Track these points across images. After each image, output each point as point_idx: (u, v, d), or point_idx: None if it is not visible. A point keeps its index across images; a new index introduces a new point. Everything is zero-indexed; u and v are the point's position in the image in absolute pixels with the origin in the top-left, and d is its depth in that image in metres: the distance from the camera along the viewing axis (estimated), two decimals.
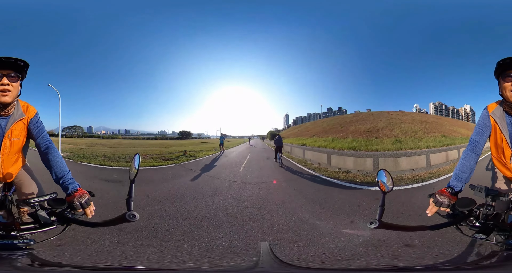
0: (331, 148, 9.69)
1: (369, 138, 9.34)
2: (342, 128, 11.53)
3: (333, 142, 10.27)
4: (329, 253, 2.96)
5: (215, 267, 1.44)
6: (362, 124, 10.88)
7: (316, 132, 13.03)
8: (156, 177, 7.60)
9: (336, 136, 10.86)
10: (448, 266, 1.20)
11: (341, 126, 11.93)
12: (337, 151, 9.17)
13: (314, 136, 12.54)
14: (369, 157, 8.10)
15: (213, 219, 4.20)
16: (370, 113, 12.29)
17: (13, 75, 1.53)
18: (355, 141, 9.42)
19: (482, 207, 1.37)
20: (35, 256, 1.14)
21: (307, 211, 4.63)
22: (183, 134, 16.82)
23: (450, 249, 2.65)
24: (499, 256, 1.17)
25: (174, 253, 2.93)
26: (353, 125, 11.25)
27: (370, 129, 10.08)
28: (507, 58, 1.50)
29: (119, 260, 2.52)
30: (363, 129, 10.28)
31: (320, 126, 13.83)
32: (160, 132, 16.81)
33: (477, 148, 1.66)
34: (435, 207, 1.41)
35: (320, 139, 11.48)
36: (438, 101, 13.60)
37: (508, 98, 1.56)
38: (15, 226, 1.27)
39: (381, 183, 1.64)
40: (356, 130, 10.42)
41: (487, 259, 1.27)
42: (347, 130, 10.93)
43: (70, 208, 1.35)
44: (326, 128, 12.98)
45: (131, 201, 1.29)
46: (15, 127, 1.64)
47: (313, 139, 12.10)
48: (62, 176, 1.51)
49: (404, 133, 9.60)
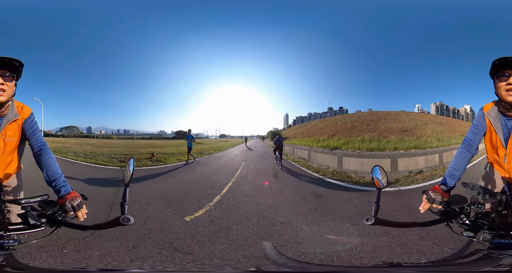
0: (369, 150, 8.14)
1: (404, 137, 8.91)
2: (368, 127, 10.29)
3: (371, 143, 8.64)
4: None
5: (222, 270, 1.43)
6: (388, 123, 10.16)
7: (333, 130, 11.37)
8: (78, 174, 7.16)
9: (368, 135, 9.43)
10: (428, 263, 1.21)
11: (366, 124, 10.60)
12: (404, 153, 7.72)
13: (334, 135, 10.70)
14: (433, 154, 7.79)
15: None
16: (387, 112, 11.56)
17: (7, 75, 1.53)
18: (401, 140, 8.58)
19: (473, 205, 1.38)
20: (13, 258, 1.14)
21: None
22: (179, 134, 16.46)
23: (442, 246, 2.66)
24: (480, 254, 1.19)
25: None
26: (380, 124, 10.25)
27: (403, 128, 9.72)
28: (502, 58, 1.52)
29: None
30: (395, 128, 9.80)
31: (334, 125, 12.24)
32: (159, 132, 16.80)
33: (471, 147, 1.70)
34: (427, 204, 1.44)
35: (351, 140, 9.43)
36: (439, 101, 13.59)
37: (503, 97, 1.58)
38: (3, 226, 1.27)
39: (376, 180, 1.65)
40: (388, 129, 9.70)
41: (467, 256, 1.29)
42: (378, 129, 9.84)
43: (61, 210, 1.35)
44: (345, 126, 11.32)
45: (125, 205, 1.30)
46: (9, 128, 1.64)
47: (338, 139, 9.94)
48: (55, 179, 1.51)
49: (436, 132, 9.57)
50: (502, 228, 1.30)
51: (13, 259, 1.13)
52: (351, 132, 10.27)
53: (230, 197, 5.25)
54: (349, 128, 10.89)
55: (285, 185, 6.59)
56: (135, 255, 2.81)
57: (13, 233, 1.26)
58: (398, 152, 7.91)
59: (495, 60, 1.55)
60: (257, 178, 7.48)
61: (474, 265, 1.14)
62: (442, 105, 13.69)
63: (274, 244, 3.10)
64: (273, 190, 5.99)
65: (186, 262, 2.45)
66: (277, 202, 4.95)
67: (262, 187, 6.29)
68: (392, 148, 8.07)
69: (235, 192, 5.73)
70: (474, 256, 1.19)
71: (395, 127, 9.83)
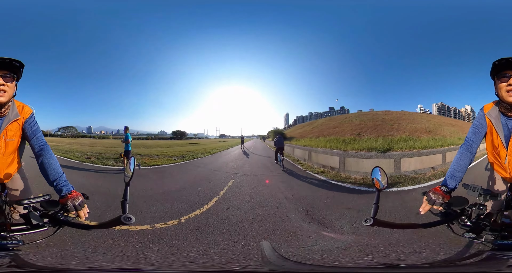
0: (423, 148, 7.47)
1: (434, 136, 8.96)
2: (394, 126, 9.79)
3: (416, 142, 8.00)
4: None
5: (222, 268, 1.42)
6: (410, 124, 10.05)
7: (355, 130, 10.19)
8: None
9: (402, 135, 8.88)
10: (431, 265, 1.21)
11: (390, 123, 10.06)
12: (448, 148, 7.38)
13: (360, 134, 9.47)
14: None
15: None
16: (401, 113, 11.39)
17: (8, 75, 1.54)
18: (433, 140, 8.46)
19: (475, 206, 1.38)
20: (20, 258, 1.14)
21: None
22: (177, 134, 16.24)
23: (443, 248, 2.64)
24: (483, 255, 1.19)
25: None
26: (404, 124, 9.95)
27: (427, 128, 9.79)
28: (503, 59, 1.53)
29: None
30: (420, 128, 9.81)
31: (350, 123, 11.27)
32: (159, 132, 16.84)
33: (472, 148, 1.70)
34: (428, 205, 1.44)
35: (394, 139, 8.28)
36: (440, 102, 13.59)
37: (503, 98, 1.58)
38: (6, 227, 1.27)
39: (376, 181, 1.66)
40: (414, 129, 9.62)
41: (470, 257, 1.29)
42: (405, 129, 9.48)
43: (63, 210, 1.35)
44: (366, 124, 10.41)
45: (126, 204, 1.31)
46: (10, 128, 1.64)
47: (378, 139, 8.38)
48: (56, 178, 1.52)
49: (451, 132, 9.67)
50: (504, 229, 1.30)
51: (19, 260, 1.14)
52: (379, 132, 9.28)
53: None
54: (372, 126, 9.99)
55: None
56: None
57: (16, 233, 1.27)
58: (445, 148, 7.74)
59: (495, 61, 1.56)
60: (257, 229, 3.63)
61: (478, 267, 1.13)
62: (444, 105, 13.69)
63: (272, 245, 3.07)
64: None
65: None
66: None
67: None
68: (439, 145, 7.85)
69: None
70: (477, 257, 1.18)
71: (419, 127, 9.77)
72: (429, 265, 1.24)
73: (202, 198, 4.93)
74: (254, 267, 1.21)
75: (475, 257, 1.23)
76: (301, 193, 5.39)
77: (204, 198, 4.93)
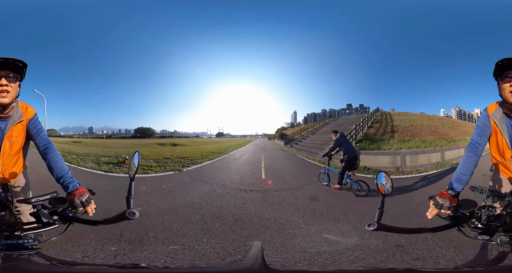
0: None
1: None
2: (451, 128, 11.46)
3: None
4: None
5: (213, 266, 1.46)
6: (460, 127, 11.37)
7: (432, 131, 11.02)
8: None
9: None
10: (456, 268, 1.21)
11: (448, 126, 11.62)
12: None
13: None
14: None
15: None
16: (440, 118, 12.54)
17: (11, 75, 1.60)
18: None
19: (484, 208, 1.42)
20: (46, 256, 1.17)
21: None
22: (140, 132, 15.81)
23: (452, 250, 2.65)
24: (509, 257, 1.20)
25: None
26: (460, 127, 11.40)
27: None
28: (506, 59, 1.56)
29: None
30: (469, 132, 10.56)
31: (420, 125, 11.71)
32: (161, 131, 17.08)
33: (478, 150, 1.72)
34: (435, 210, 1.47)
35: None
36: (457, 106, 14.05)
37: (507, 99, 1.62)
38: (18, 226, 1.33)
39: (381, 186, 1.68)
40: (468, 132, 10.70)
41: (497, 260, 1.29)
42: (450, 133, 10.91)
43: (71, 206, 1.41)
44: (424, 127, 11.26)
45: (131, 199, 1.36)
46: (15, 129, 1.73)
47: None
48: (62, 176, 1.58)
49: None
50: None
51: (47, 257, 1.17)
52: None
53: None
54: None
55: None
56: None
57: (29, 232, 1.32)
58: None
59: (498, 61, 1.58)
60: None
61: (504, 270, 1.14)
62: (460, 110, 14.12)
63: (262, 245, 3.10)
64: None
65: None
66: None
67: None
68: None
69: None
70: (505, 259, 1.19)
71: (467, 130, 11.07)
72: (440, 270, 1.26)
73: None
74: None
75: (499, 259, 1.25)
76: None
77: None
